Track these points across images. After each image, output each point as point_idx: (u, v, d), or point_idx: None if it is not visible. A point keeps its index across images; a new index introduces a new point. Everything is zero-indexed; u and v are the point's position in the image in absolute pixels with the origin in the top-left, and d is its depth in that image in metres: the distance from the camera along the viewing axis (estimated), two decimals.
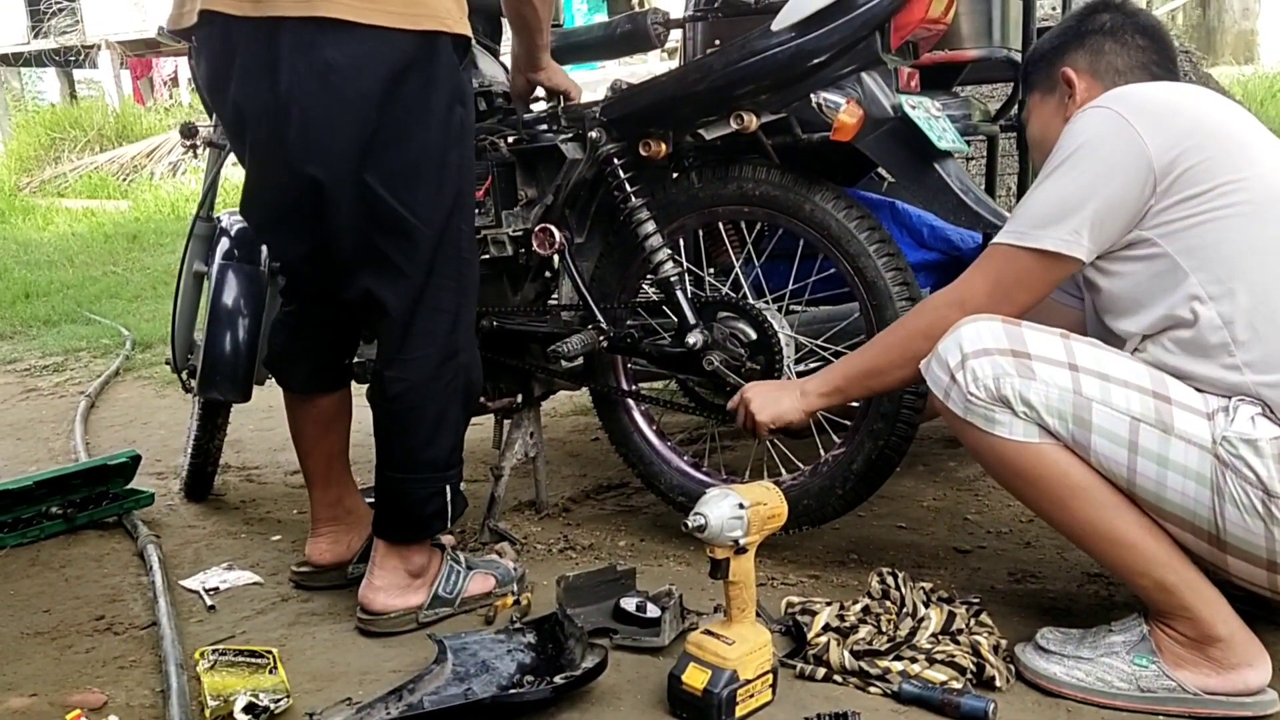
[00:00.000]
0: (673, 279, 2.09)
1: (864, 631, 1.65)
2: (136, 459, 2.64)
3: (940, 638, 1.63)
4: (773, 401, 1.86)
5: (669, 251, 2.10)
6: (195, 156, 2.87)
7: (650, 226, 2.10)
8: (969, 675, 1.56)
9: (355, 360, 2.42)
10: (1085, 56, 1.71)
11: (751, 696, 1.49)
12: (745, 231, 2.18)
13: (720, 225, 2.22)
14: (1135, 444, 1.46)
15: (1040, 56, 1.78)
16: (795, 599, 1.82)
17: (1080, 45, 1.72)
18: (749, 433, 1.92)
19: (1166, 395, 1.46)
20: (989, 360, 1.50)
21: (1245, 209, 1.45)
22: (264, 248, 2.68)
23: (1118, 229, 1.51)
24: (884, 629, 1.67)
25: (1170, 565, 1.50)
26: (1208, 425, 1.44)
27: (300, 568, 2.11)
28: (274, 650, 1.71)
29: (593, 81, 7.61)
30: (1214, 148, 1.47)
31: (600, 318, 2.16)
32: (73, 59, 14.75)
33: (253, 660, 1.68)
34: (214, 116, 2.67)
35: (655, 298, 2.21)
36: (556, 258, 2.23)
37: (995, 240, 1.60)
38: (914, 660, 1.58)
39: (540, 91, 2.23)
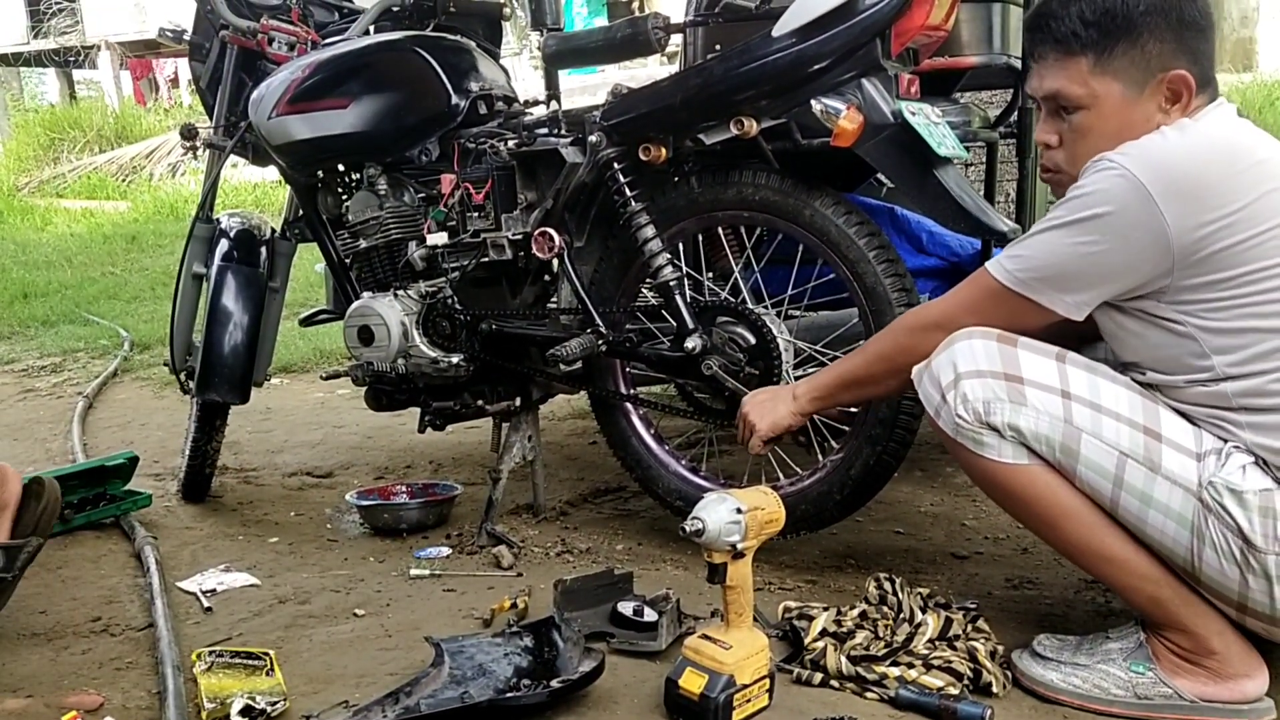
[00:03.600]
0: (672, 283, 2.09)
1: (861, 637, 1.65)
2: (134, 460, 2.64)
3: (937, 643, 1.63)
4: (769, 410, 1.85)
5: (668, 256, 2.10)
6: (195, 158, 2.89)
7: (650, 231, 2.10)
8: (966, 681, 1.56)
9: (352, 363, 2.43)
10: (1186, 56, 1.46)
11: (748, 701, 1.49)
12: (745, 236, 2.18)
13: (720, 230, 2.22)
14: (1120, 479, 1.45)
15: (1122, 29, 1.46)
16: (792, 604, 1.82)
17: (1180, 40, 1.46)
18: (749, 444, 1.91)
19: (1158, 431, 1.44)
20: (981, 382, 1.48)
21: (1277, 295, 1.38)
22: (263, 250, 2.69)
23: (1122, 295, 1.46)
24: (881, 634, 1.67)
25: (1163, 581, 1.50)
26: (1196, 466, 1.43)
27: None
28: (271, 652, 1.71)
29: (593, 86, 7.62)
30: (1244, 231, 1.37)
31: (599, 322, 2.16)
32: (72, 59, 14.74)
33: (249, 662, 1.68)
34: (213, 117, 2.68)
35: (654, 302, 2.21)
36: (556, 261, 2.23)
37: (991, 270, 1.53)
38: (911, 666, 1.58)
39: (539, 95, 2.22)
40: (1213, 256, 1.38)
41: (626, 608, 1.77)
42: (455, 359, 2.32)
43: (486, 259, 2.26)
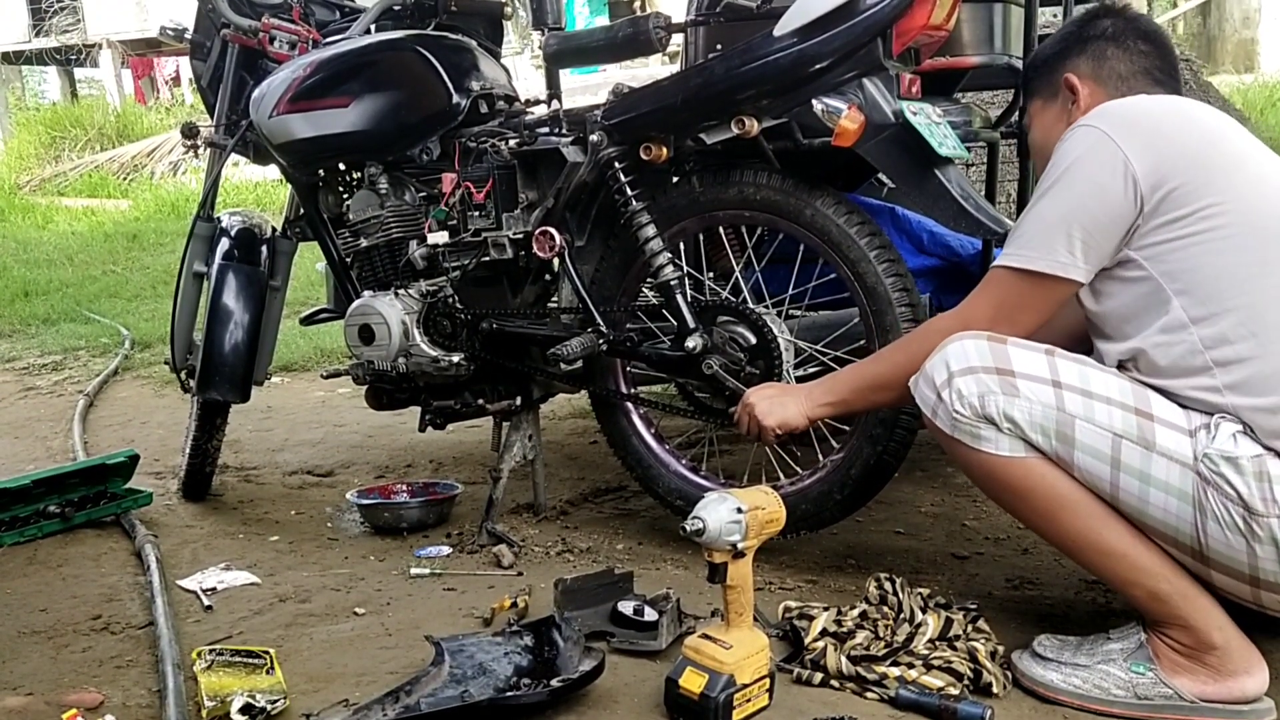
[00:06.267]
0: (673, 283, 2.09)
1: (861, 637, 1.65)
2: (135, 458, 2.64)
3: (937, 643, 1.63)
4: (779, 406, 1.86)
5: (669, 255, 2.10)
6: (196, 156, 2.88)
7: (651, 230, 2.10)
8: (966, 681, 1.56)
9: (353, 362, 2.43)
10: (1088, 62, 1.70)
11: (748, 701, 1.49)
12: (745, 236, 2.18)
13: (721, 229, 2.22)
14: (1118, 460, 1.46)
15: (1042, 62, 1.77)
16: (793, 603, 1.82)
17: (1083, 50, 1.70)
18: (753, 438, 1.92)
19: (1149, 411, 1.47)
20: (974, 378, 1.51)
21: (1228, 232, 1.45)
22: (264, 248, 2.69)
23: (1110, 247, 1.51)
24: (881, 634, 1.67)
25: (1162, 575, 1.50)
26: (1189, 442, 1.44)
27: None
28: (271, 651, 1.71)
29: (594, 85, 7.61)
30: (1198, 169, 1.47)
31: (600, 321, 2.16)
32: (74, 58, 14.75)
33: (250, 661, 1.68)
34: (215, 116, 2.68)
35: (655, 301, 2.21)
36: (556, 261, 2.23)
37: (995, 263, 1.61)
38: (911, 666, 1.58)
39: (540, 94, 2.22)
40: (1173, 192, 1.47)
41: (627, 607, 1.77)
42: (456, 358, 2.32)
43: (487, 258, 2.26)
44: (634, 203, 2.10)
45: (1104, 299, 1.55)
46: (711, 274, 2.27)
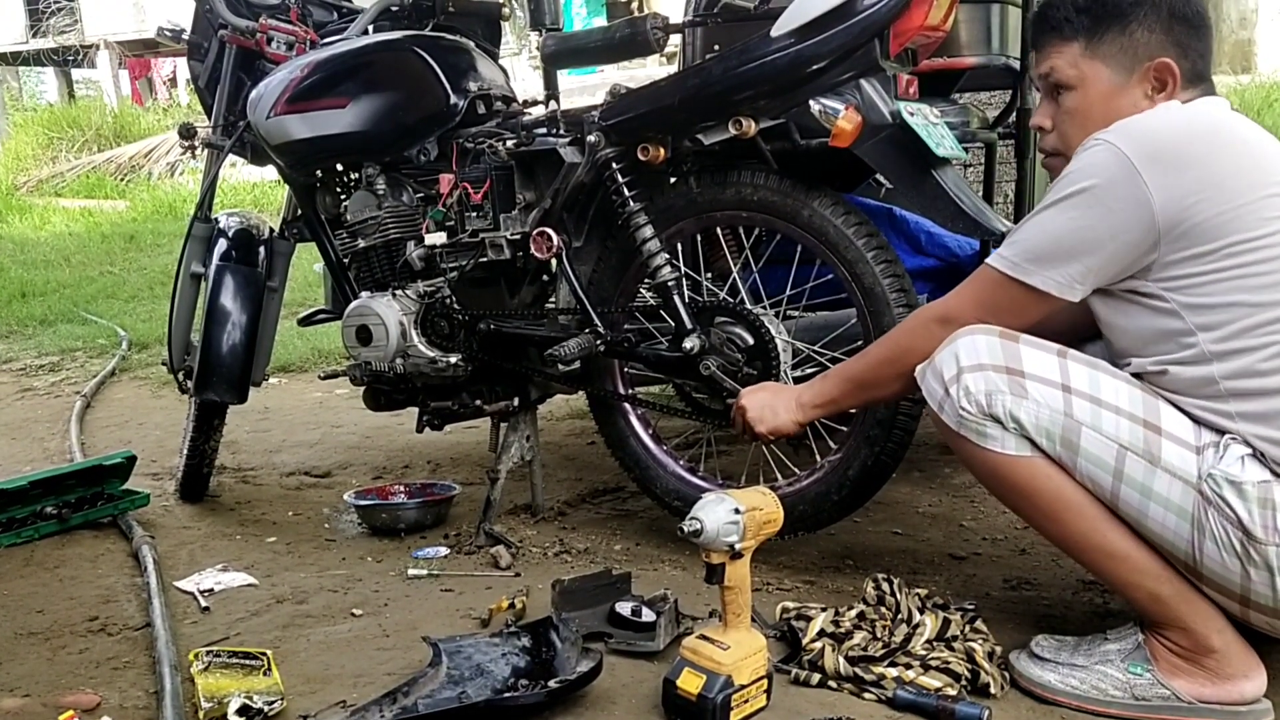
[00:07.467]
0: (670, 283, 2.09)
1: (859, 637, 1.65)
2: (132, 459, 2.64)
3: (935, 644, 1.63)
4: (770, 413, 1.85)
5: (667, 256, 2.10)
6: (193, 157, 2.88)
7: (648, 231, 2.10)
8: (964, 682, 1.56)
9: (351, 363, 2.43)
10: (1174, 49, 1.52)
11: (746, 702, 1.49)
12: (743, 237, 2.18)
13: (718, 230, 2.22)
14: (1120, 472, 1.46)
15: (1110, 14, 1.54)
16: (790, 604, 1.82)
17: (1169, 31, 1.52)
18: (749, 439, 1.92)
19: (1157, 424, 1.46)
20: (982, 375, 1.50)
21: (1262, 269, 1.40)
22: (261, 249, 2.69)
23: (1114, 274, 1.48)
24: (879, 635, 1.67)
25: (1164, 577, 1.50)
26: (1195, 460, 1.43)
27: None
28: (268, 652, 1.71)
29: (591, 86, 7.62)
30: (1228, 200, 1.40)
31: (598, 322, 2.16)
32: (71, 59, 14.73)
33: (247, 662, 1.67)
34: (212, 117, 2.68)
35: (653, 302, 2.21)
36: (554, 261, 2.23)
37: (990, 261, 1.58)
38: (909, 666, 1.58)
39: (538, 94, 2.22)
40: (1196, 228, 1.41)
41: (624, 608, 1.77)
42: (453, 359, 2.32)
43: (485, 259, 2.26)
44: (631, 203, 2.10)
45: (1119, 315, 1.52)
46: (709, 275, 2.27)
